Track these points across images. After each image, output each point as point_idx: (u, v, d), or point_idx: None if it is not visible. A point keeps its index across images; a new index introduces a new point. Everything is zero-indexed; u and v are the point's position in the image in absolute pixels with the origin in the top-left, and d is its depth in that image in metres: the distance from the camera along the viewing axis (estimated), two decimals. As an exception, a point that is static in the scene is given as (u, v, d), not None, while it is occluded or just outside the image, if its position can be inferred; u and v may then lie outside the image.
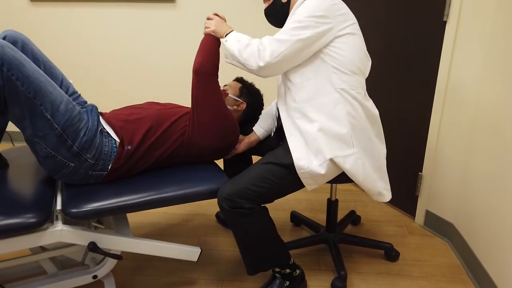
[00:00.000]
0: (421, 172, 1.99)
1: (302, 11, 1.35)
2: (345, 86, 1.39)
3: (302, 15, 1.34)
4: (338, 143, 1.40)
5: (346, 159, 1.41)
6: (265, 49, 1.36)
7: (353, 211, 2.06)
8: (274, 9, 1.53)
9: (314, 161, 1.40)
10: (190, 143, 1.50)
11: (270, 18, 1.58)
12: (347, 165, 1.41)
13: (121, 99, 3.07)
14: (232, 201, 1.36)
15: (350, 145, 1.42)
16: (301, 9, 1.36)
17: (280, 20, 1.54)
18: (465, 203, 1.79)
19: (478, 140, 1.67)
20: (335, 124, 1.40)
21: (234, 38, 1.45)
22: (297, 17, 1.35)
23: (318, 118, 1.40)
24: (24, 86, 1.20)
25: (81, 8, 2.83)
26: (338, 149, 1.40)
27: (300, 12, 1.35)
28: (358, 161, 1.42)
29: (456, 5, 1.67)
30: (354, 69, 1.40)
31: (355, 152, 1.42)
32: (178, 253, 1.50)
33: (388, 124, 2.10)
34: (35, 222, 1.22)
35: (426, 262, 1.79)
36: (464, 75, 1.72)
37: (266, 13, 1.57)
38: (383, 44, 2.05)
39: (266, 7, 1.56)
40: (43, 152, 1.30)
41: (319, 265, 1.77)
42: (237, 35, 1.46)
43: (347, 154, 1.41)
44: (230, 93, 1.70)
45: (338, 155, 1.40)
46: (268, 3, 1.54)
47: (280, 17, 1.53)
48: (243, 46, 1.41)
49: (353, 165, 1.41)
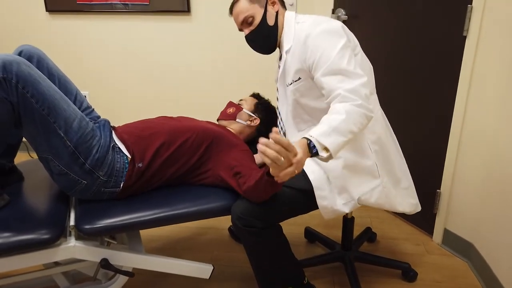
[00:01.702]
0: (439, 190, 1.94)
1: (328, 46, 1.24)
2: None
3: (334, 50, 1.23)
4: (364, 177, 1.38)
5: (372, 193, 1.39)
6: (358, 97, 1.16)
7: (369, 228, 2.01)
8: (260, 34, 1.42)
9: (338, 200, 1.38)
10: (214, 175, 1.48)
11: (256, 43, 1.45)
12: (372, 200, 1.39)
13: (136, 111, 3.08)
14: (245, 220, 1.33)
15: (376, 176, 1.39)
16: (323, 44, 1.25)
17: (267, 45, 1.44)
18: (485, 222, 1.73)
19: (499, 157, 1.62)
20: (360, 158, 1.36)
21: (332, 140, 1.08)
22: (331, 53, 1.23)
23: (342, 153, 1.35)
24: (39, 104, 1.21)
25: (98, 20, 2.87)
26: (364, 183, 1.38)
27: (327, 48, 1.24)
28: (383, 192, 1.40)
29: (476, 19, 1.63)
30: (372, 90, 1.37)
31: (381, 182, 1.40)
32: (190, 270, 1.48)
33: (405, 140, 2.05)
34: (49, 238, 1.22)
35: (445, 284, 1.73)
36: (484, 91, 1.67)
37: (251, 39, 1.44)
38: (400, 58, 2.01)
39: (249, 33, 1.43)
40: (56, 170, 1.30)
41: (334, 284, 1.73)
42: (331, 139, 1.09)
43: (373, 187, 1.39)
44: (245, 108, 1.69)
45: (365, 190, 1.37)
46: (250, 29, 1.42)
47: (268, 41, 1.43)
48: (347, 121, 1.11)
49: (378, 197, 1.40)
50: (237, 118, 1.67)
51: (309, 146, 1.08)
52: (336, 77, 1.21)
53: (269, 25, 1.40)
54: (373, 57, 2.16)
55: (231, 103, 1.73)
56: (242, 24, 1.43)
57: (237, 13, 1.42)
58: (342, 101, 1.16)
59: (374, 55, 2.14)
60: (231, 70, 2.88)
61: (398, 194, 1.48)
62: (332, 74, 1.22)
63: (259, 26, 1.40)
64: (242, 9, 1.40)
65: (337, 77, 1.21)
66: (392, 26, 2.02)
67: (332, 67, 1.22)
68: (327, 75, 1.23)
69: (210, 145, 1.49)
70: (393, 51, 2.04)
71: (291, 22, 1.40)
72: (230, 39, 2.80)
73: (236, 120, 1.67)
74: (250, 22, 1.41)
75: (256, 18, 1.40)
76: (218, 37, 2.81)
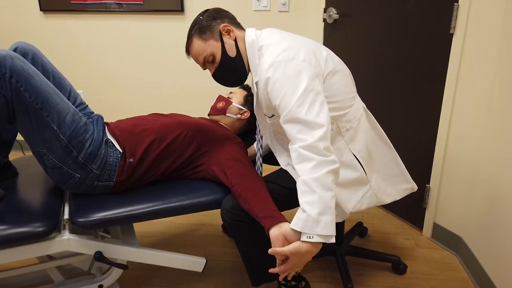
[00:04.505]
0: (429, 184, 1.98)
1: (286, 92, 1.17)
2: (348, 125, 1.37)
3: (293, 97, 1.16)
4: (353, 188, 1.40)
5: (363, 201, 1.42)
6: (315, 154, 1.13)
7: (360, 222, 2.04)
8: (226, 69, 1.35)
9: None
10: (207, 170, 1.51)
11: (225, 80, 1.39)
12: (363, 207, 1.43)
13: (130, 110, 3.10)
14: (234, 214, 1.35)
15: (365, 182, 1.42)
16: (282, 89, 1.18)
17: (237, 78, 1.37)
18: (473, 216, 1.76)
19: (486, 153, 1.66)
20: (349, 172, 1.38)
21: (324, 224, 1.10)
22: (290, 101, 1.17)
23: None
24: (32, 98, 1.23)
25: (92, 20, 2.88)
26: (354, 194, 1.40)
27: (286, 95, 1.17)
28: (373, 195, 1.44)
29: (463, 17, 1.66)
30: (350, 102, 1.37)
31: (369, 187, 1.43)
32: (183, 263, 1.50)
33: (394, 136, 2.09)
34: (43, 231, 1.24)
35: (434, 276, 1.76)
36: (472, 88, 1.70)
37: (218, 77, 1.38)
38: (389, 56, 2.05)
39: (215, 72, 1.36)
40: (50, 163, 1.32)
41: (325, 278, 1.75)
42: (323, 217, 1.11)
43: (363, 194, 1.42)
44: (234, 102, 1.70)
45: (356, 201, 1.40)
46: (214, 66, 1.34)
47: (236, 74, 1.36)
48: (321, 196, 1.10)
49: (369, 202, 1.44)
50: (227, 112, 1.68)
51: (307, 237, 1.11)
52: (295, 126, 1.16)
53: (231, 57, 1.33)
54: (362, 55, 2.20)
55: (220, 97, 1.73)
56: (204, 64, 1.36)
57: (195, 55, 1.36)
58: (301, 161, 1.14)
59: (363, 53, 2.18)
60: (225, 69, 2.90)
61: (388, 185, 1.51)
62: (291, 122, 1.17)
63: (222, 61, 1.33)
64: (198, 50, 1.34)
65: (296, 126, 1.16)
66: (382, 25, 2.06)
67: (290, 115, 1.17)
68: (287, 122, 1.18)
69: (202, 141, 1.51)
70: (382, 49, 2.08)
71: (253, 50, 1.31)
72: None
73: (227, 115, 1.69)
74: (212, 60, 1.34)
75: (216, 54, 1.33)
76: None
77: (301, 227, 1.09)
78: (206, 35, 1.32)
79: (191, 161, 1.51)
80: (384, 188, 1.49)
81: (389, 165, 1.54)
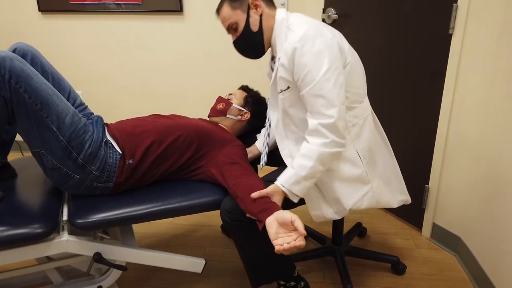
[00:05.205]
0: (428, 185, 1.98)
1: (313, 66, 1.22)
2: (355, 121, 1.38)
3: (320, 71, 1.22)
4: (355, 185, 1.41)
5: (363, 200, 1.42)
6: (332, 133, 1.24)
7: (360, 223, 2.04)
8: (245, 41, 1.39)
9: (330, 210, 1.42)
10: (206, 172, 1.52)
11: (242, 50, 1.44)
12: (363, 206, 1.43)
13: (130, 110, 3.10)
14: (233, 214, 1.35)
15: (366, 182, 1.42)
16: (309, 63, 1.23)
17: (253, 52, 1.42)
18: (472, 216, 1.77)
19: (485, 153, 1.66)
20: (351, 167, 1.39)
21: (301, 187, 1.28)
22: (316, 75, 1.22)
23: (334, 165, 1.37)
24: (31, 99, 1.23)
25: (90, 20, 2.88)
26: (355, 192, 1.41)
27: (313, 69, 1.23)
28: (373, 196, 1.44)
29: (462, 17, 1.67)
30: (361, 98, 1.40)
31: (370, 188, 1.43)
32: (183, 264, 1.50)
33: (394, 136, 2.09)
34: (42, 232, 1.24)
35: (433, 276, 1.76)
36: (470, 88, 1.71)
37: (237, 46, 1.43)
38: (389, 56, 2.05)
39: (235, 40, 1.41)
40: (49, 164, 1.32)
41: (325, 278, 1.75)
42: (298, 186, 1.27)
43: (364, 194, 1.42)
44: (234, 103, 1.70)
45: (356, 199, 1.41)
46: (236, 35, 1.39)
47: (253, 48, 1.41)
48: (314, 167, 1.26)
49: (369, 202, 1.44)
50: (227, 113, 1.68)
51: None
52: (319, 100, 1.23)
53: (253, 31, 1.36)
54: (362, 56, 2.20)
55: (220, 98, 1.73)
56: (228, 30, 1.41)
57: (222, 19, 1.40)
58: (315, 135, 1.26)
59: (363, 54, 2.18)
60: (224, 68, 2.90)
61: (387, 193, 1.52)
62: (316, 96, 1.23)
63: (243, 33, 1.37)
64: (225, 16, 1.38)
65: (319, 101, 1.23)
66: (381, 25, 2.06)
67: (316, 90, 1.22)
68: (311, 96, 1.24)
69: (201, 143, 1.51)
70: (382, 50, 2.08)
71: (282, 27, 1.35)
72: (222, 38, 2.82)
73: (227, 116, 1.68)
74: (235, 28, 1.38)
75: (240, 25, 1.36)
76: (211, 36, 2.83)
77: (284, 180, 1.27)
78: (236, 3, 1.36)
79: (191, 163, 1.51)
80: (384, 193, 1.50)
81: (390, 171, 1.55)
